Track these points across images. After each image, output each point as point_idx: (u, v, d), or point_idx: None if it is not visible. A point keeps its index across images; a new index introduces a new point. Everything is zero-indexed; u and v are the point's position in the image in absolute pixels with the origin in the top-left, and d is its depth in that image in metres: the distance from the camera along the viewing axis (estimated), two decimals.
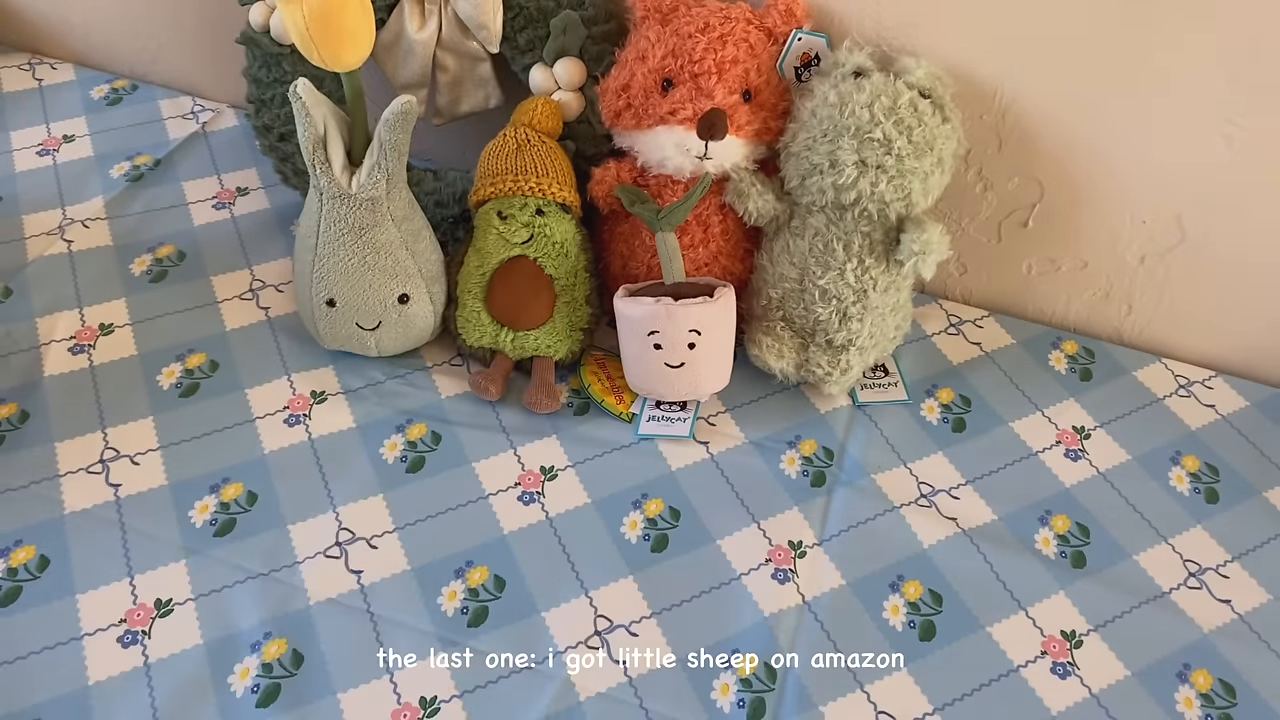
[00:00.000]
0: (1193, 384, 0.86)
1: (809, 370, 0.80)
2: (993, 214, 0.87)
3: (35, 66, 1.08)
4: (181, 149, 1.00)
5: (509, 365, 0.81)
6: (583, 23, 0.79)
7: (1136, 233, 0.83)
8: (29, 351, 0.81)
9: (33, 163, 0.97)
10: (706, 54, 0.75)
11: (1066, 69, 0.77)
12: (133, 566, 0.68)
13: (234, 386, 0.79)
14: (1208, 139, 0.76)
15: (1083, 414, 0.83)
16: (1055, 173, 0.82)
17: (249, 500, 0.72)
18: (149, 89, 1.07)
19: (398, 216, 0.75)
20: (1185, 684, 0.66)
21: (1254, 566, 0.73)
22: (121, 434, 0.76)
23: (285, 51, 0.83)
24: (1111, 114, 0.78)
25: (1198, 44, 0.72)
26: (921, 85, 0.73)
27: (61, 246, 0.89)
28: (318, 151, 0.71)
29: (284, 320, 0.85)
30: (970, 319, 0.91)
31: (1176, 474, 0.79)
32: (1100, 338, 0.90)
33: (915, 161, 0.72)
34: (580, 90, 0.82)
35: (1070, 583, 0.71)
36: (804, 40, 0.77)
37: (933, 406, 0.83)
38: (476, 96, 0.87)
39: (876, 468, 0.78)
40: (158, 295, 0.86)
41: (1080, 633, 0.69)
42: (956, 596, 0.70)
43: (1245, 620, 0.70)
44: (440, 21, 0.83)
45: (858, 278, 0.76)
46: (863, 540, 0.73)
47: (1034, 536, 0.74)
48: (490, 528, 0.72)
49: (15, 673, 0.62)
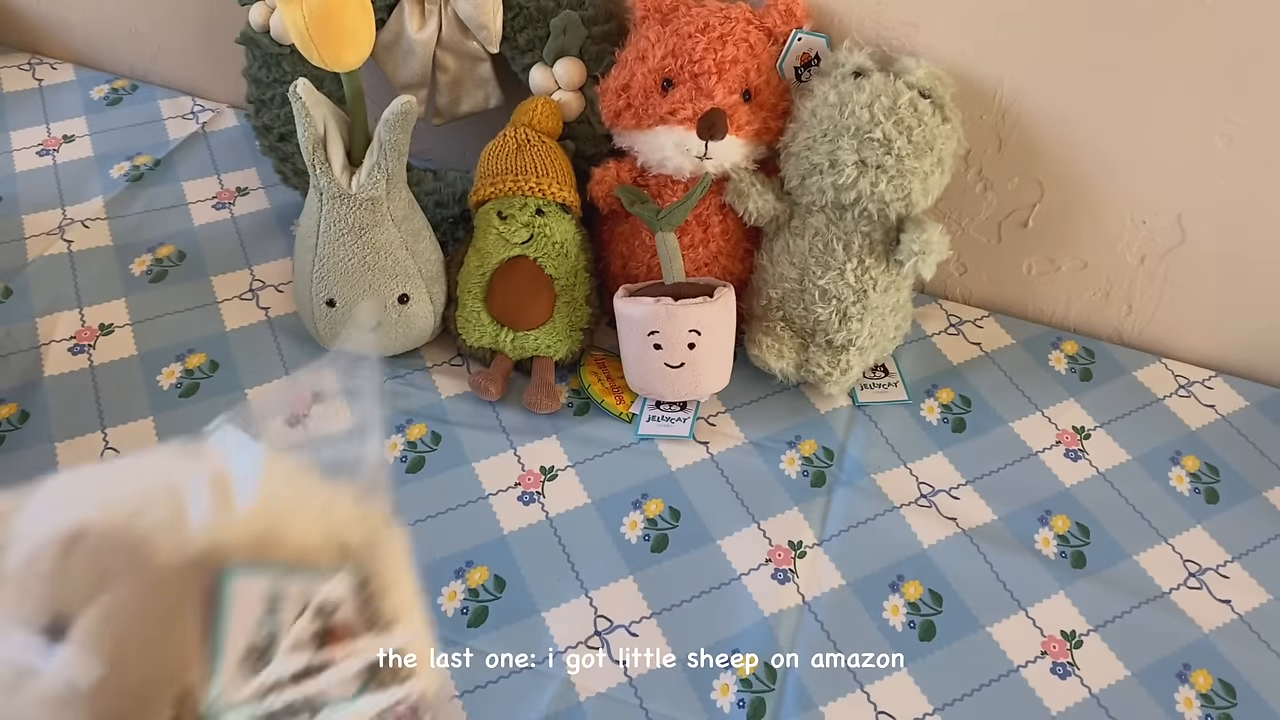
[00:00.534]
0: (1193, 384, 0.86)
1: (809, 370, 0.80)
2: (993, 214, 0.87)
3: (35, 66, 1.08)
4: (181, 149, 1.00)
5: (509, 365, 0.81)
6: (583, 23, 0.79)
7: (1137, 233, 0.83)
8: (29, 351, 0.81)
9: (33, 163, 0.97)
10: (706, 54, 0.75)
11: (1067, 69, 0.77)
12: None
13: (234, 387, 0.79)
14: (1208, 139, 0.76)
15: (1083, 414, 0.83)
16: (1055, 173, 0.82)
17: None
18: (149, 89, 1.07)
19: (398, 216, 0.75)
20: (1185, 684, 0.66)
21: (1254, 566, 0.73)
22: (121, 434, 0.76)
23: (285, 51, 0.83)
24: (1112, 114, 0.78)
25: (1198, 43, 0.72)
26: (921, 85, 0.73)
27: (61, 246, 0.89)
28: (317, 151, 0.71)
29: (284, 320, 0.85)
30: (970, 319, 0.91)
31: (1176, 474, 0.79)
32: (1100, 338, 0.90)
33: (915, 161, 0.72)
34: (580, 90, 0.82)
35: (1070, 583, 0.71)
36: (804, 40, 0.77)
37: (933, 406, 0.83)
38: (476, 96, 0.87)
39: (876, 468, 0.78)
40: (158, 295, 0.86)
41: (1080, 633, 0.69)
42: (956, 596, 0.70)
43: (1245, 620, 0.70)
44: (440, 21, 0.83)
45: (858, 278, 0.76)
46: (863, 540, 0.73)
47: (1034, 536, 0.74)
48: (490, 528, 0.72)
49: None
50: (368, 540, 0.33)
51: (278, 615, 0.29)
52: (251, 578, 0.28)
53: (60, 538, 0.28)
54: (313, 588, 0.30)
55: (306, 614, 0.29)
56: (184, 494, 0.29)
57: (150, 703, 0.26)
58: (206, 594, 0.28)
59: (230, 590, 0.28)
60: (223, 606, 0.28)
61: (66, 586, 0.27)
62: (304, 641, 0.29)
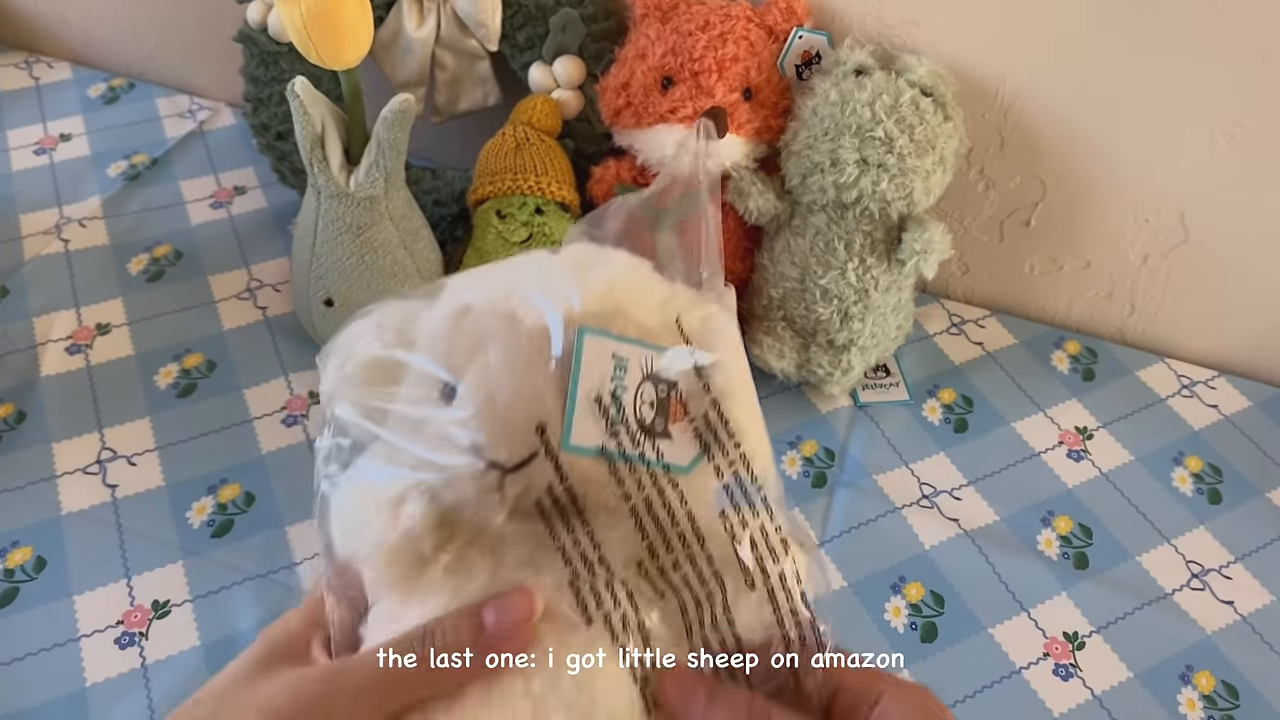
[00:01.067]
0: (1196, 384, 0.86)
1: (810, 370, 0.79)
2: (995, 213, 0.86)
3: (32, 65, 1.08)
4: (179, 148, 1.00)
5: None
6: (582, 20, 0.79)
7: (1139, 232, 0.83)
8: (26, 351, 0.80)
9: (29, 161, 0.97)
10: (707, 52, 0.74)
11: (1069, 67, 0.76)
12: (130, 568, 0.68)
13: (231, 387, 0.79)
14: (1211, 137, 0.76)
15: (1085, 414, 0.82)
16: (1058, 171, 0.82)
17: (246, 501, 0.72)
18: (146, 87, 1.06)
19: (396, 215, 0.74)
20: (1188, 685, 0.66)
21: (1257, 568, 0.73)
22: (119, 434, 0.75)
23: (283, 49, 0.82)
24: (1114, 112, 0.77)
25: (1201, 41, 0.72)
26: (923, 83, 0.72)
27: (58, 246, 0.89)
28: (315, 150, 0.70)
29: (281, 320, 0.84)
30: (972, 319, 0.90)
31: (1179, 474, 0.79)
32: (1103, 337, 0.90)
33: (917, 160, 0.71)
34: (580, 88, 0.81)
35: (1073, 584, 0.71)
36: (805, 38, 0.76)
37: (934, 407, 0.82)
38: (475, 95, 0.87)
39: (878, 468, 0.77)
40: (155, 295, 0.86)
41: (1083, 634, 0.68)
42: (958, 598, 0.70)
43: (1248, 621, 0.70)
44: (439, 19, 0.82)
45: (859, 277, 0.76)
46: (864, 541, 0.72)
47: (1036, 537, 0.74)
48: None
49: (12, 674, 0.62)
50: (704, 328, 0.36)
51: (623, 375, 0.34)
52: (601, 339, 0.34)
53: (451, 313, 0.35)
54: (654, 359, 0.35)
55: (648, 382, 0.34)
56: (548, 276, 0.36)
57: (518, 435, 0.32)
58: (563, 351, 0.33)
59: (583, 347, 0.33)
60: (576, 362, 0.33)
61: (456, 349, 0.34)
62: (645, 404, 0.34)
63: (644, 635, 0.34)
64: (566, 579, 0.33)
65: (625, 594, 0.34)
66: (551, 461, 0.33)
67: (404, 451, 0.34)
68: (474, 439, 0.33)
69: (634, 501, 0.34)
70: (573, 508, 0.33)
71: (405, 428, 0.34)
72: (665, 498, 0.34)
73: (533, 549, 0.33)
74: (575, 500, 0.33)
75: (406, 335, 0.36)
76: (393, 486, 0.34)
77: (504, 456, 0.32)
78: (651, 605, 0.34)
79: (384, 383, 0.36)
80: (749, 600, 0.35)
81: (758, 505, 0.35)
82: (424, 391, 0.34)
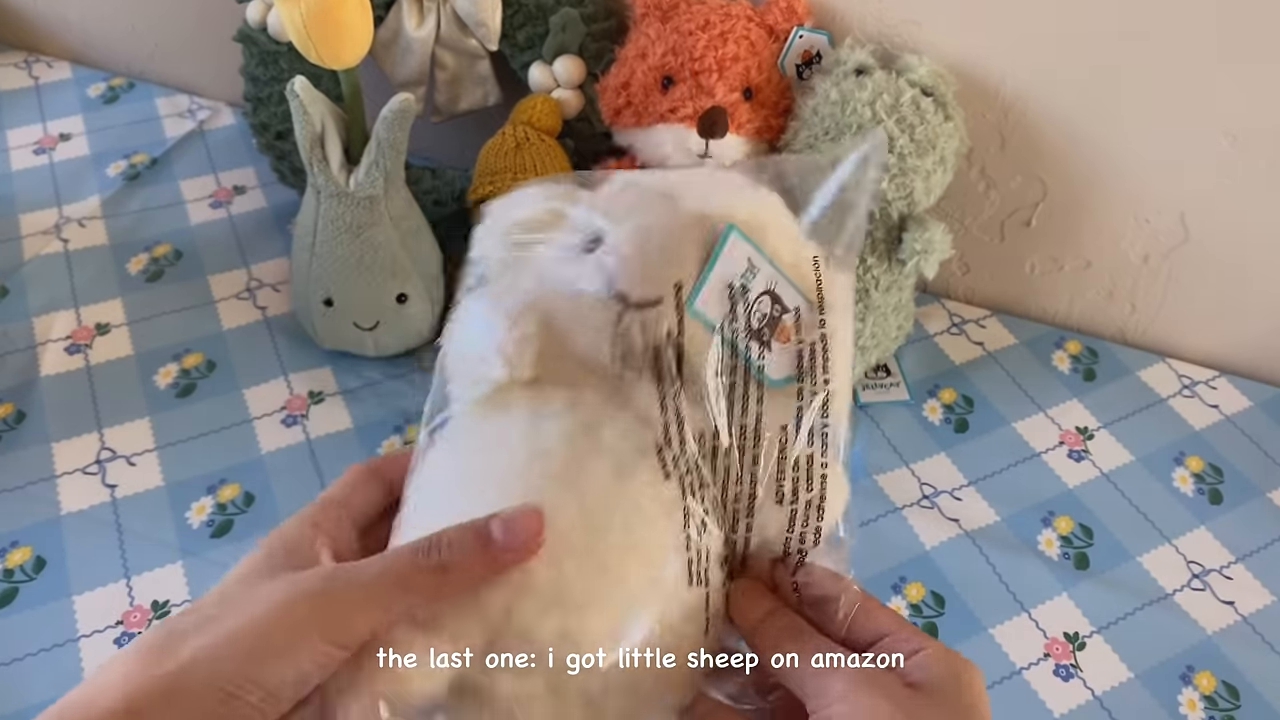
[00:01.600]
0: (1196, 384, 0.86)
1: None
2: (995, 213, 0.86)
3: (31, 64, 1.08)
4: (178, 147, 1.00)
5: None
6: (582, 20, 0.79)
7: (1140, 232, 0.83)
8: (25, 351, 0.80)
9: (29, 161, 0.97)
10: (707, 51, 0.74)
11: (1070, 67, 0.76)
12: (129, 568, 0.68)
13: (231, 387, 0.79)
14: (1211, 137, 0.76)
15: (1086, 414, 0.82)
16: (1058, 171, 0.82)
17: (246, 501, 0.72)
18: (146, 87, 1.06)
19: (396, 215, 0.74)
20: (1189, 686, 0.66)
21: (1258, 568, 0.73)
22: (118, 434, 0.75)
23: (282, 49, 0.82)
24: (1115, 112, 0.77)
25: (1201, 41, 0.72)
26: (924, 83, 0.72)
27: (58, 246, 0.89)
28: (315, 149, 0.70)
29: (281, 320, 0.84)
30: (973, 319, 0.90)
31: (1180, 475, 0.79)
32: (1104, 337, 0.89)
33: (917, 160, 0.71)
34: (580, 88, 0.81)
35: (1073, 584, 0.71)
36: (805, 38, 0.76)
37: (935, 407, 0.82)
38: (475, 94, 0.87)
39: (878, 468, 0.77)
40: (154, 295, 0.86)
41: (1083, 634, 0.68)
42: (959, 598, 0.70)
43: (1249, 622, 0.70)
44: (439, 19, 0.82)
45: (859, 277, 0.75)
46: (865, 542, 0.72)
47: (1037, 538, 0.73)
48: None
49: (12, 674, 0.62)
50: (832, 281, 0.40)
51: (751, 279, 0.38)
52: (743, 242, 0.38)
53: (618, 185, 0.41)
54: (779, 281, 0.39)
55: (766, 296, 0.39)
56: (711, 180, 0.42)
57: (654, 280, 0.37)
58: (710, 236, 0.38)
59: (728, 239, 0.38)
60: (719, 246, 0.38)
61: (616, 207, 0.39)
62: (758, 314, 0.38)
63: (703, 508, 0.37)
64: (658, 431, 0.37)
65: (695, 463, 0.37)
66: (677, 312, 0.37)
67: (535, 279, 0.38)
68: (610, 274, 0.37)
69: (724, 381, 0.38)
70: (676, 368, 0.37)
71: (545, 260, 0.39)
72: (748, 395, 0.38)
73: (609, 397, 0.37)
74: (680, 361, 0.37)
75: (571, 197, 0.41)
76: (516, 300, 0.38)
77: (634, 293, 0.37)
78: (706, 486, 0.38)
79: (536, 230, 0.40)
80: (774, 514, 0.38)
81: (817, 437, 0.39)
82: (573, 239, 0.39)
